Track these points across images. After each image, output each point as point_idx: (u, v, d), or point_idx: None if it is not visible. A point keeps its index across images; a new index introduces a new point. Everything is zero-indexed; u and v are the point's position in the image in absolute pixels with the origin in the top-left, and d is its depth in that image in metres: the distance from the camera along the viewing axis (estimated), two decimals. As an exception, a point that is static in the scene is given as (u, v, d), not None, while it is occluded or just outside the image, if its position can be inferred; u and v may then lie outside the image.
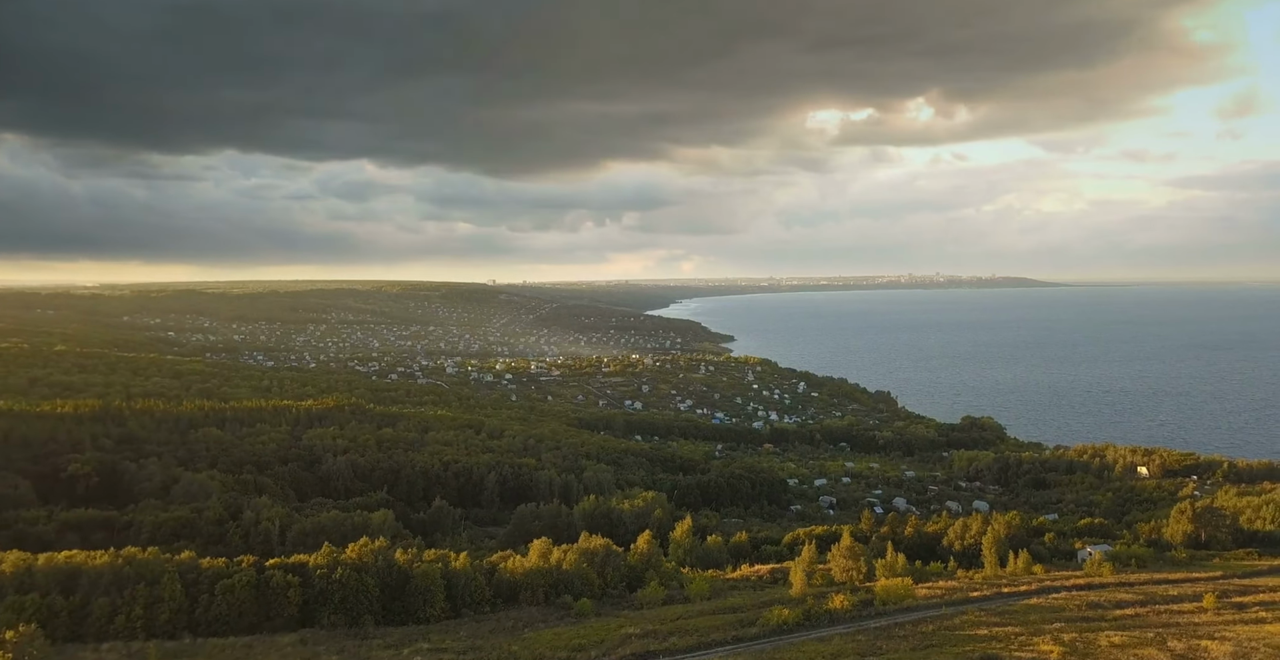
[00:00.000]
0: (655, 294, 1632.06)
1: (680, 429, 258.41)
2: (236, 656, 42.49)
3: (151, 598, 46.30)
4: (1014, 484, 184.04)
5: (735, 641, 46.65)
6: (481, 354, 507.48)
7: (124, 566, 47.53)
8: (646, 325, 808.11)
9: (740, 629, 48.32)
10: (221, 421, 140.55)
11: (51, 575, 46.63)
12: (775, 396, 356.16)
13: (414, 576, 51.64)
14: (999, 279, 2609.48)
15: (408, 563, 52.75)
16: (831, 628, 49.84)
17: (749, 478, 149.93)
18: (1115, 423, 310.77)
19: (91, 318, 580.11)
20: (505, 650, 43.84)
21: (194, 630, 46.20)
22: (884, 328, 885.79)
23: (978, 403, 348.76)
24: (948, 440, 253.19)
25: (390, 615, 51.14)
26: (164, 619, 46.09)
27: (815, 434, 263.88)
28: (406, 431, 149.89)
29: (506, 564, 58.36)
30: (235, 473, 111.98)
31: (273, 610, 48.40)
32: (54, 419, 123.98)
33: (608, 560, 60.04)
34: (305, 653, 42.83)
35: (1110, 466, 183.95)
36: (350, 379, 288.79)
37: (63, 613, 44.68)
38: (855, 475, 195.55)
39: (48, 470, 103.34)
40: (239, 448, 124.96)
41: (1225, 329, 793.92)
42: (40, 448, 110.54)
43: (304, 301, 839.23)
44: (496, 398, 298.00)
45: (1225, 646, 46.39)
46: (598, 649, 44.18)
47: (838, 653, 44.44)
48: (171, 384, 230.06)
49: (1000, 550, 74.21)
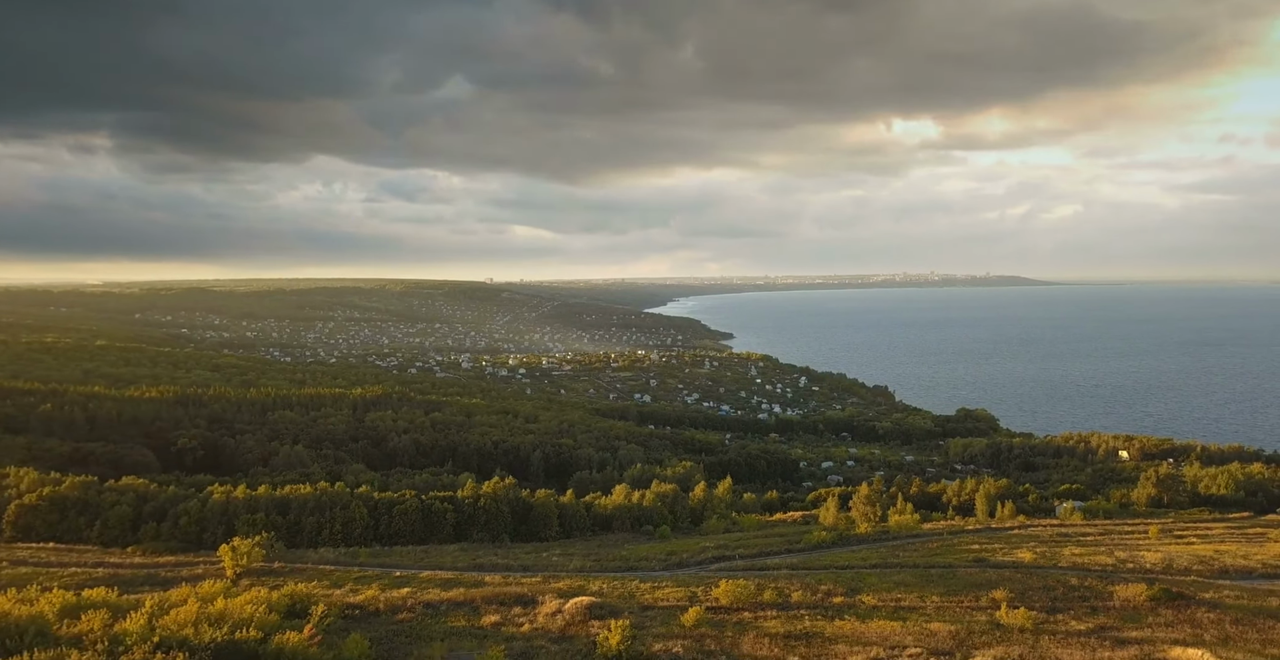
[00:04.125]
0: (653, 292, 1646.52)
1: (691, 419, 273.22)
2: (419, 556, 56.87)
3: (345, 518, 60.50)
4: (1005, 467, 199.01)
5: (786, 552, 61.34)
6: (489, 350, 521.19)
7: (321, 496, 61.82)
8: (647, 323, 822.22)
9: (789, 544, 63.09)
10: (290, 406, 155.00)
11: (270, 502, 60.84)
12: (778, 390, 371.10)
13: (535, 507, 66.06)
14: (993, 278, 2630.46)
15: (528, 497, 67.34)
16: (858, 545, 64.65)
17: (764, 458, 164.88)
18: (1105, 414, 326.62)
19: (105, 315, 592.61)
20: (615, 554, 58.40)
21: (380, 541, 60.51)
22: (880, 325, 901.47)
23: (972, 396, 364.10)
24: (943, 430, 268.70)
25: (519, 536, 65.47)
26: (357, 533, 60.36)
27: (818, 425, 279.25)
28: (453, 416, 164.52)
29: (599, 501, 73.04)
30: (316, 448, 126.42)
31: (434, 528, 62.68)
32: (148, 402, 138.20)
33: (677, 500, 74.58)
34: (468, 554, 57.11)
35: (1094, 450, 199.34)
36: (375, 373, 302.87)
37: (281, 527, 58.96)
38: (859, 459, 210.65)
39: (159, 444, 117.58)
40: (314, 427, 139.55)
41: (1216, 326, 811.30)
42: (148, 425, 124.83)
43: (310, 299, 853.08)
44: (513, 391, 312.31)
45: (1156, 555, 61.31)
46: (685, 554, 58.82)
47: (866, 556, 59.22)
48: (212, 376, 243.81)
49: (990, 503, 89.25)
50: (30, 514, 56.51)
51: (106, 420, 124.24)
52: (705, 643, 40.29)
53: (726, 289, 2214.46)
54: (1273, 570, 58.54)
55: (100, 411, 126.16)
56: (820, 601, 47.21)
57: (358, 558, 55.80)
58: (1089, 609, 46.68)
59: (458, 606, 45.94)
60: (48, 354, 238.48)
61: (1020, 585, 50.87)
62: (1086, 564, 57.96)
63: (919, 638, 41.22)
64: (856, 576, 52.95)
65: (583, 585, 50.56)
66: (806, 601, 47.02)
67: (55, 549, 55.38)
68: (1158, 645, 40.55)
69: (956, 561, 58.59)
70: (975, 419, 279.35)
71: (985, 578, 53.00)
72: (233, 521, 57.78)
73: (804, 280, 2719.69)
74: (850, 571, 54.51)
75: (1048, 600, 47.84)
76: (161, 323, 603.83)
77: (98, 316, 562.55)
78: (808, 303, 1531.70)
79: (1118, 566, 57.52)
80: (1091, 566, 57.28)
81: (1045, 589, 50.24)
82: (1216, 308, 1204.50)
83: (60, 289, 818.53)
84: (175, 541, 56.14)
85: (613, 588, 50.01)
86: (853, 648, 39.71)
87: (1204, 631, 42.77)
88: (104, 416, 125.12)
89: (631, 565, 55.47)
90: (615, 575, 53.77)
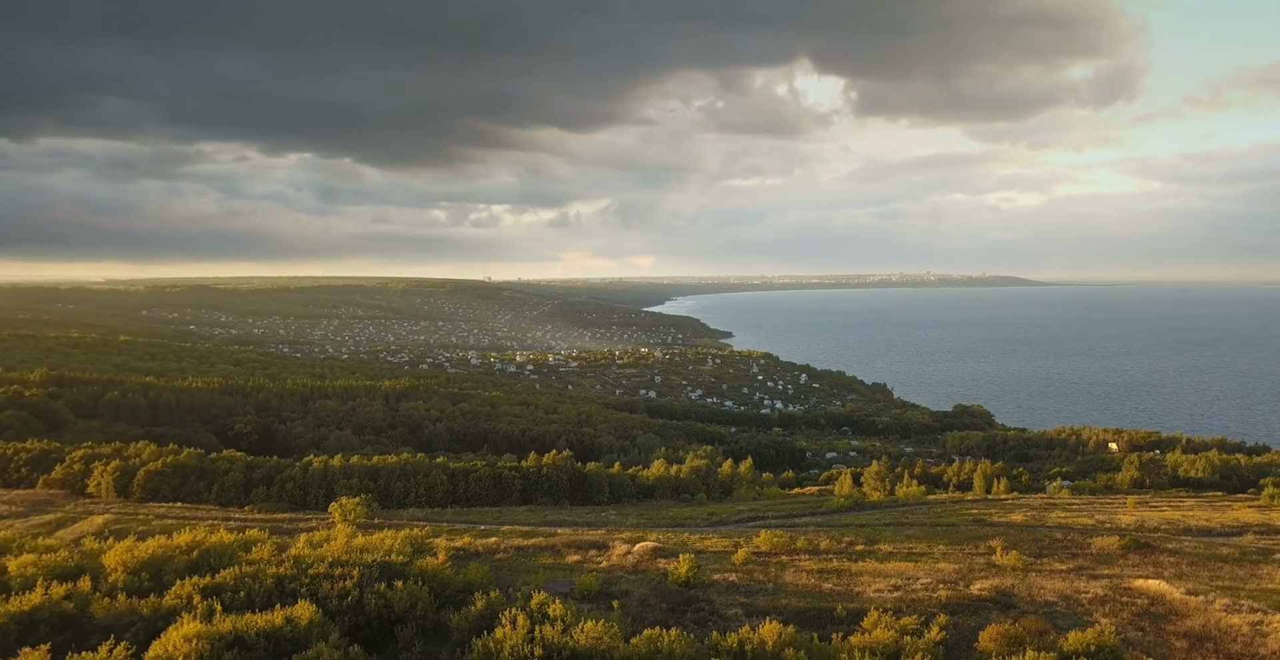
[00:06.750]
0: (651, 291, 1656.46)
1: (697, 414, 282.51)
2: (495, 515, 65.96)
3: (428, 484, 69.54)
4: (1000, 458, 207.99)
5: (810, 514, 70.62)
6: (494, 347, 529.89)
7: (405, 464, 70.99)
8: (647, 321, 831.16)
9: (812, 508, 72.39)
10: (327, 396, 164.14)
11: (362, 470, 69.87)
12: (779, 387, 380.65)
13: (588, 476, 75.28)
14: (989, 278, 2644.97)
15: (582, 467, 76.63)
16: (873, 510, 74.03)
17: (773, 447, 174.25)
18: (1100, 410, 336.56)
19: (113, 312, 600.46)
20: (663, 514, 67.62)
21: (458, 504, 69.45)
22: (878, 325, 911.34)
23: (968, 393, 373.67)
24: (941, 425, 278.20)
25: (576, 500, 74.59)
26: (439, 496, 69.35)
27: (820, 419, 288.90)
28: (479, 407, 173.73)
29: (642, 473, 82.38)
30: (359, 434, 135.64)
31: (505, 493, 71.70)
32: (201, 392, 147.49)
33: (709, 473, 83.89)
34: (537, 513, 66.21)
35: (1085, 443, 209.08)
36: (391, 368, 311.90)
37: (373, 491, 67.97)
38: (861, 451, 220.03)
39: (216, 429, 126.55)
40: (354, 415, 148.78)
41: (1209, 326, 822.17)
42: (204, 412, 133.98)
43: (314, 297, 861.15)
44: (523, 386, 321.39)
45: (1131, 517, 70.65)
46: (723, 514, 68.06)
47: (880, 518, 68.58)
48: (235, 370, 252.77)
49: (987, 481, 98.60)
50: (157, 479, 65.47)
51: (167, 407, 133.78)
52: (754, 575, 49.24)
53: (724, 288, 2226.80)
54: (1230, 530, 67.82)
55: (160, 399, 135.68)
56: (845, 549, 56.28)
57: (444, 516, 64.93)
58: (1070, 554, 55.94)
59: (541, 550, 54.99)
60: (77, 349, 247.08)
61: (1013, 538, 60.10)
62: (1070, 523, 67.28)
63: (929, 573, 50.26)
64: (874, 531, 62.15)
65: (642, 536, 59.65)
66: (833, 549, 56.07)
67: (183, 507, 64.26)
68: (1125, 579, 49.65)
69: (959, 521, 67.86)
70: (971, 415, 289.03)
71: (983, 532, 62.22)
72: (331, 486, 66.79)
73: (801, 280, 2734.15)
74: (868, 528, 63.74)
75: (1036, 548, 57.06)
76: (169, 319, 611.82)
77: (107, 313, 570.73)
78: (805, 302, 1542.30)
79: (1097, 526, 66.78)
80: (1074, 525, 66.57)
81: (1034, 541, 59.48)
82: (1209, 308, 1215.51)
83: (67, 286, 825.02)
84: (284, 503, 65.12)
85: (667, 538, 59.10)
86: (875, 580, 48.73)
87: (1164, 570, 51.97)
88: (164, 404, 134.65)
89: (679, 522, 64.66)
90: (667, 530, 62.89)
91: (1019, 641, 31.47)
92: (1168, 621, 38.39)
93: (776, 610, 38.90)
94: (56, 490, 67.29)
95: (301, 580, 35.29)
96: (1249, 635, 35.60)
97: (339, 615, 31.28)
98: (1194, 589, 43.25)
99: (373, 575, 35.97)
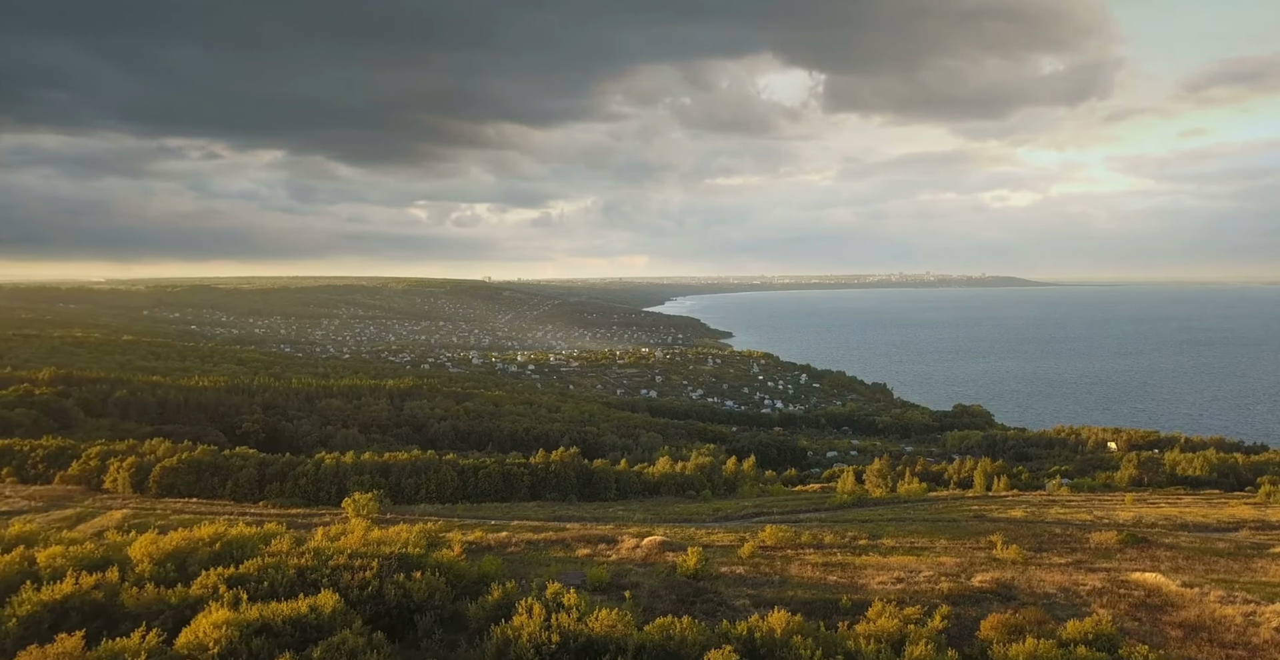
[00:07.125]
0: (650, 291, 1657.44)
1: (698, 413, 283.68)
2: (505, 510, 67.13)
3: (438, 480, 70.71)
4: (1000, 457, 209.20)
5: (814, 510, 71.75)
6: (495, 347, 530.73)
7: (415, 461, 72.17)
8: (648, 321, 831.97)
9: (815, 505, 73.53)
10: (332, 395, 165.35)
11: (373, 466, 71.05)
12: (780, 387, 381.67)
13: (595, 472, 76.43)
14: (988, 278, 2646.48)
15: (589, 464, 77.85)
16: (875, 506, 75.17)
17: (775, 445, 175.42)
18: (1099, 410, 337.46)
19: (114, 311, 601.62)
20: (670, 510, 68.80)
21: (468, 499, 70.66)
22: (877, 325, 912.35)
23: (968, 393, 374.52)
24: (941, 425, 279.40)
25: (583, 496, 75.78)
26: (449, 492, 70.56)
27: (820, 419, 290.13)
28: (483, 406, 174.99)
29: (648, 470, 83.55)
30: (365, 433, 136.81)
31: (513, 489, 72.90)
32: (208, 390, 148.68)
33: (714, 470, 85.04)
34: (546, 509, 67.34)
35: (1084, 442, 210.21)
36: (393, 368, 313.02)
37: (385, 487, 69.18)
38: (861, 450, 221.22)
39: (223, 427, 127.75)
40: (360, 414, 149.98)
41: (1209, 326, 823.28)
42: (211, 410, 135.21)
43: (314, 297, 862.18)
44: (525, 385, 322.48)
45: (1129, 513, 71.82)
46: (729, 510, 69.24)
47: (882, 514, 69.75)
48: (240, 369, 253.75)
49: (987, 478, 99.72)
50: (172, 475, 66.67)
51: (175, 405, 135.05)
52: (760, 568, 50.34)
53: (723, 288, 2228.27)
54: (1226, 525, 68.96)
55: (168, 398, 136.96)
56: (849, 543, 57.41)
57: (455, 511, 66.10)
58: (1069, 549, 57.08)
59: (552, 544, 56.13)
60: (81, 348, 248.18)
61: (1013, 532, 61.24)
62: (1069, 519, 68.44)
63: (931, 566, 51.37)
64: (876, 527, 63.33)
65: (650, 531, 60.82)
66: (837, 543, 57.20)
67: (199, 503, 65.44)
68: (1122, 572, 50.74)
69: (960, 517, 69.01)
70: (971, 414, 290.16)
71: (984, 527, 63.36)
72: (344, 482, 67.99)
73: (801, 280, 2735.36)
74: (871, 523, 64.89)
75: (1035, 543, 58.21)
76: (170, 319, 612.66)
77: (108, 313, 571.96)
78: (804, 302, 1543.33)
79: (1095, 521, 67.95)
80: (1073, 521, 67.72)
81: (1034, 535, 60.62)
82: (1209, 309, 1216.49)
83: (68, 286, 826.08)
84: (297, 498, 66.33)
85: (675, 532, 60.25)
86: (878, 572, 49.79)
87: (1160, 563, 53.07)
88: (172, 402, 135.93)
89: (686, 518, 65.84)
90: (674, 525, 64.05)
91: (1019, 630, 32.56)
92: (1163, 612, 39.49)
93: (783, 601, 39.98)
94: (74, 486, 68.54)
95: (322, 571, 36.44)
96: (1242, 625, 36.71)
97: (360, 604, 32.40)
98: (1189, 582, 44.34)
99: (391, 566, 37.12)
